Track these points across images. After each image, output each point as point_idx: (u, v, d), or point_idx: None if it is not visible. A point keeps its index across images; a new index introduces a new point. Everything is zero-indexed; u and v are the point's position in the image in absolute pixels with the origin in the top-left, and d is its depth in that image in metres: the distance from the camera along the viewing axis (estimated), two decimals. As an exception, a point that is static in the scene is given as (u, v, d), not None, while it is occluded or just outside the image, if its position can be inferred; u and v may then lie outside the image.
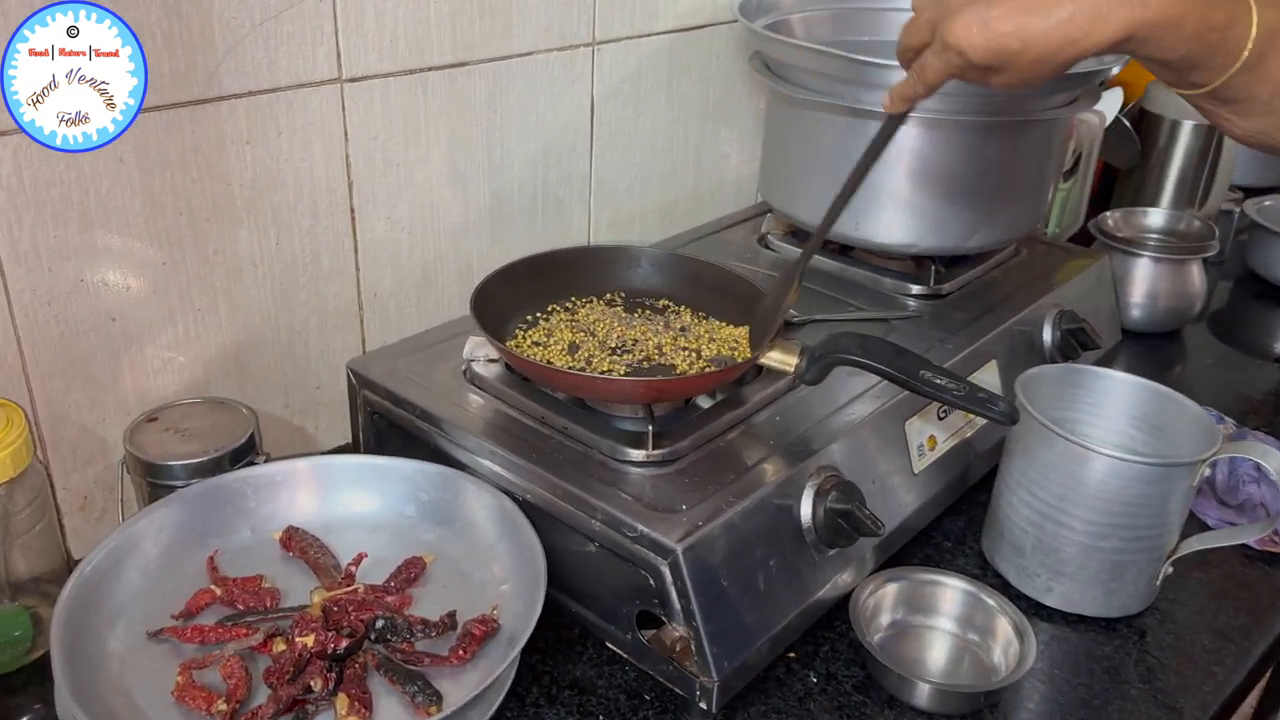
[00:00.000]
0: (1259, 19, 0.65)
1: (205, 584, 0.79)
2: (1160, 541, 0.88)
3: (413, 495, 0.86)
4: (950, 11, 0.66)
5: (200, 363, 0.93)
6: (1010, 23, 0.64)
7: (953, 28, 0.66)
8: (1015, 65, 0.66)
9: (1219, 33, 0.65)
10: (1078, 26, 0.64)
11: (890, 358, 0.82)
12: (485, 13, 1.00)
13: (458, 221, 1.07)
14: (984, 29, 0.65)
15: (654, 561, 0.74)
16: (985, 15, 0.65)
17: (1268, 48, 0.66)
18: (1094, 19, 0.63)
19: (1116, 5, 0.63)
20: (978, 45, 0.65)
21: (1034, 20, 0.64)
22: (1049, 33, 0.64)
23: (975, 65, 0.67)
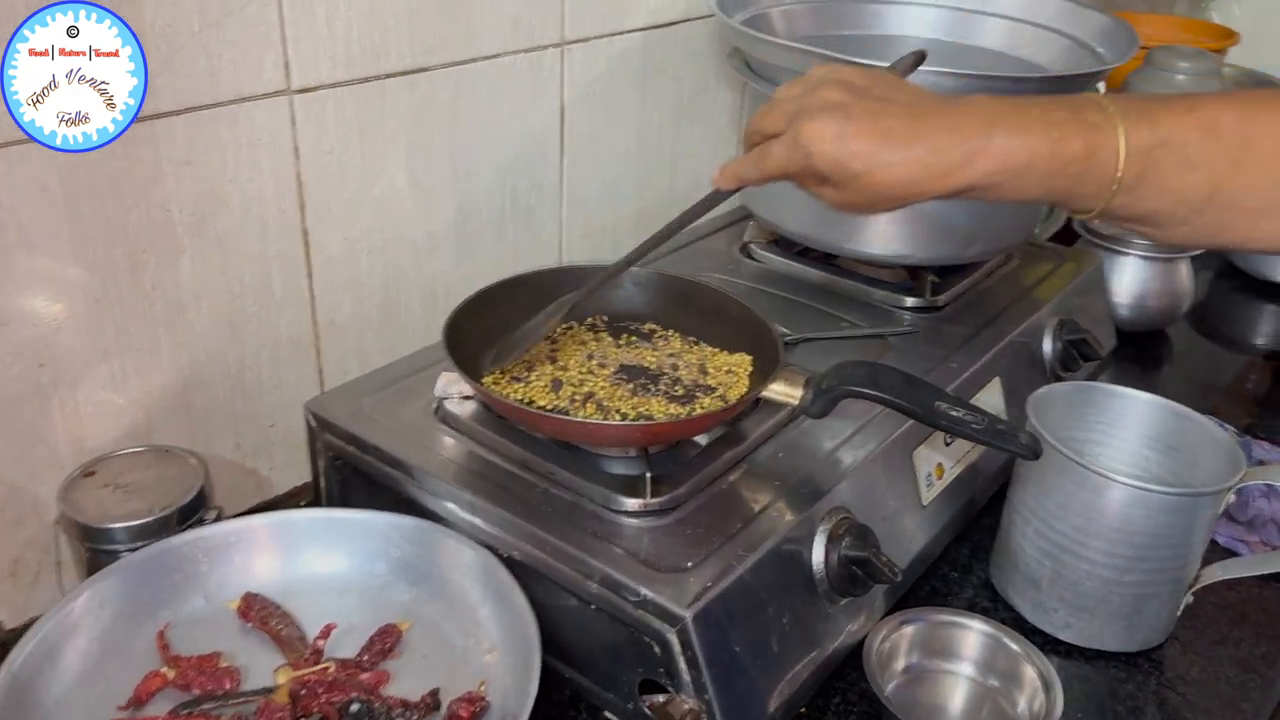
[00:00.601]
0: (1127, 141, 0.62)
1: (155, 664, 0.70)
2: (1183, 572, 0.84)
3: (383, 551, 0.78)
4: (808, 112, 0.64)
5: (141, 406, 0.84)
6: (862, 143, 0.63)
7: (808, 127, 0.64)
8: (853, 186, 0.64)
9: (1078, 165, 0.62)
10: (921, 169, 0.63)
11: (902, 389, 0.76)
12: (446, 13, 0.91)
13: (421, 239, 0.98)
14: (837, 141, 0.63)
15: (660, 629, 0.67)
16: (843, 128, 0.63)
17: (1146, 166, 0.63)
18: (938, 166, 0.62)
19: (959, 157, 0.62)
20: (826, 154, 0.64)
21: (883, 151, 0.63)
22: (893, 167, 0.63)
23: (815, 171, 0.65)
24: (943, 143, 0.62)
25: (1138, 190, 0.63)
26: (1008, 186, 0.63)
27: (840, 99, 0.64)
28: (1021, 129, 0.62)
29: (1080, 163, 0.62)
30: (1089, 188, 0.63)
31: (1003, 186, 0.63)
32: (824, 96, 0.65)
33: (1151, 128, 0.62)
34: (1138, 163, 0.62)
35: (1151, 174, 0.63)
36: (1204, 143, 0.62)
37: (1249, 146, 0.62)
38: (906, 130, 0.63)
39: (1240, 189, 0.63)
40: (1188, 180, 0.63)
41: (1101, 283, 1.20)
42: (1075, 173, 0.62)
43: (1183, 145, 0.62)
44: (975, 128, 0.62)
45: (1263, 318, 1.45)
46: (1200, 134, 0.62)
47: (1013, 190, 0.64)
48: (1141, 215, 0.65)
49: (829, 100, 0.64)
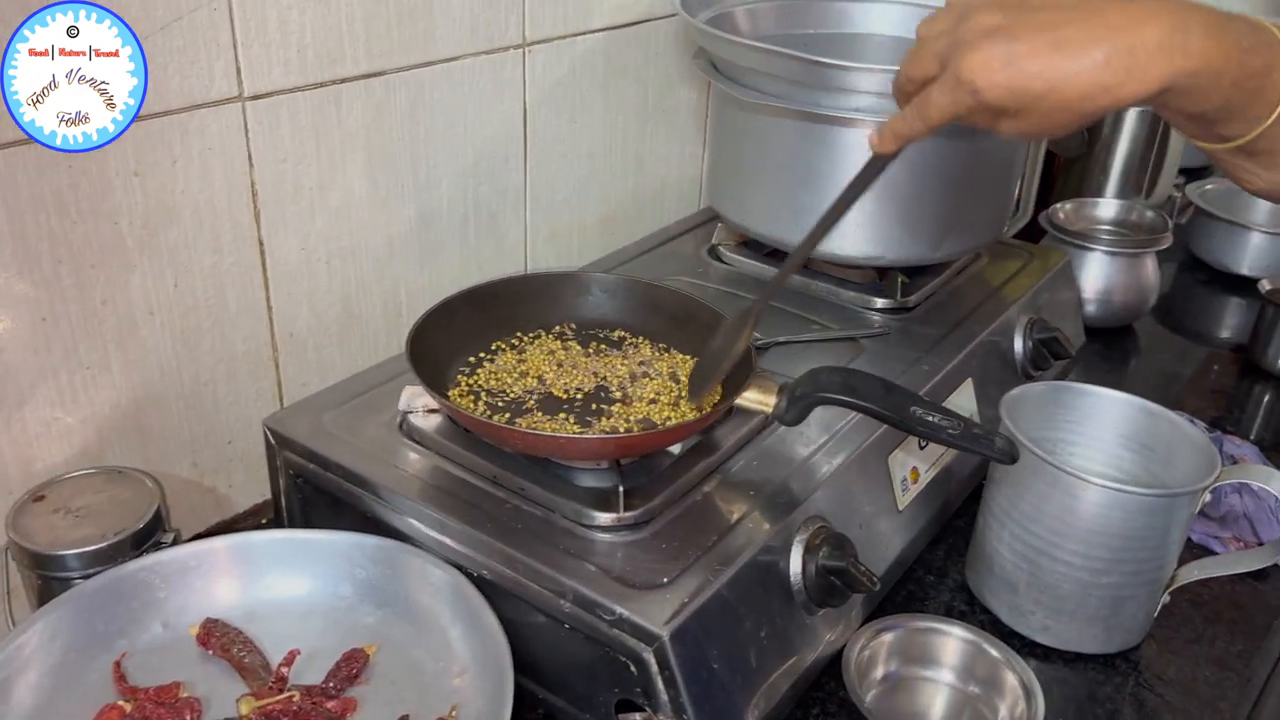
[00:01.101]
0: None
1: (111, 697, 0.68)
2: (1160, 573, 0.83)
3: (348, 573, 0.76)
4: (966, 44, 0.58)
5: (92, 425, 0.81)
6: (1038, 61, 0.56)
7: (969, 61, 0.57)
8: (1036, 110, 0.58)
9: (1257, 80, 0.58)
10: (1113, 73, 0.56)
11: (876, 394, 0.75)
12: (403, 15, 0.89)
13: (381, 247, 0.96)
14: (1007, 66, 0.57)
15: (636, 648, 0.65)
16: (1010, 50, 0.57)
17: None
18: (1131, 66, 0.56)
19: (1156, 52, 0.56)
20: (998, 84, 0.57)
21: (1064, 62, 0.56)
22: (1079, 76, 0.56)
23: (988, 106, 0.59)
24: (1132, 40, 0.56)
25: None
26: (1197, 90, 0.58)
27: (997, 21, 0.58)
28: (1217, 31, 0.57)
29: (1259, 78, 0.58)
30: (1257, 108, 0.59)
31: (1193, 91, 0.58)
32: (979, 23, 0.58)
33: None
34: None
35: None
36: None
37: None
38: (1084, 35, 0.56)
39: None
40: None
41: (1070, 280, 1.20)
42: (1254, 88, 0.58)
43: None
44: (1166, 25, 0.56)
45: (1227, 310, 1.45)
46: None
47: (1198, 96, 0.58)
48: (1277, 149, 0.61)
49: (985, 25, 0.58)
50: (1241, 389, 1.28)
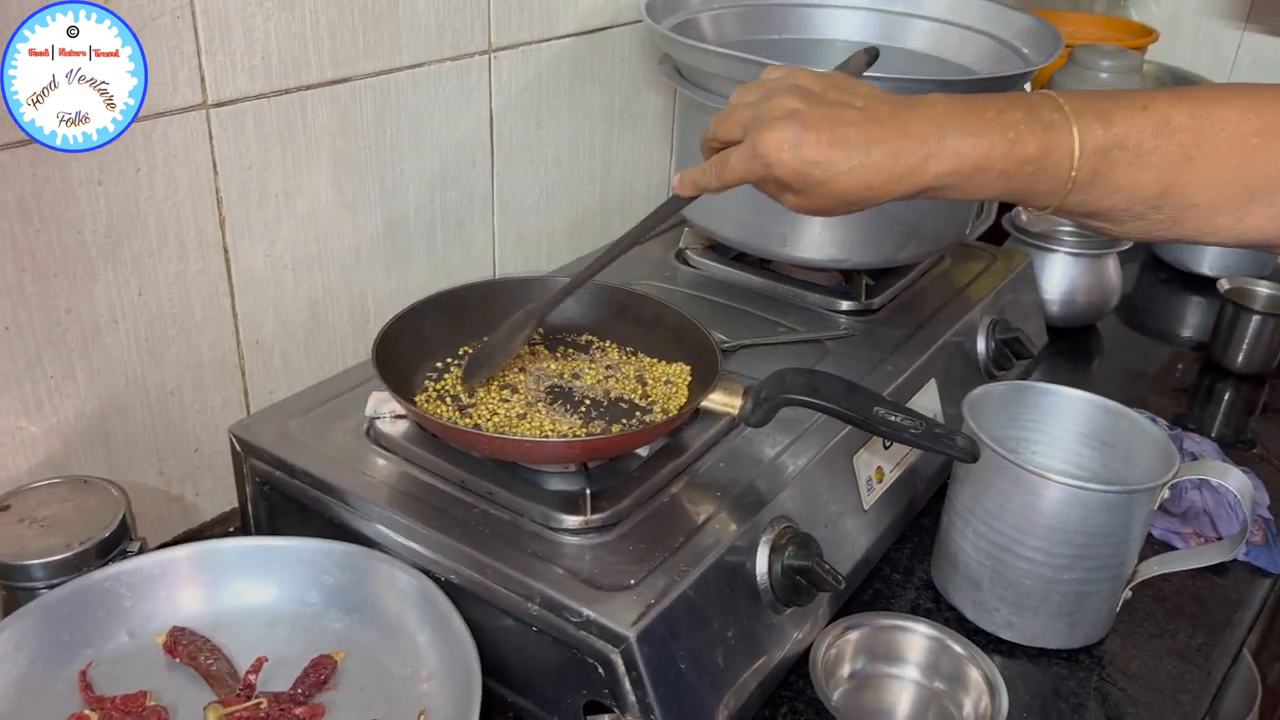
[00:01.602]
0: (1081, 140, 0.62)
1: (77, 706, 0.67)
2: (1122, 569, 0.85)
3: (315, 580, 0.76)
4: (766, 122, 0.63)
5: (57, 435, 0.81)
6: (819, 151, 0.62)
7: (765, 137, 0.63)
8: (815, 193, 0.64)
9: (1034, 164, 0.62)
10: (881, 173, 0.62)
11: (842, 396, 0.76)
12: (369, 22, 0.89)
13: (348, 253, 0.96)
14: (794, 150, 0.62)
15: (603, 650, 0.66)
16: (799, 137, 0.62)
17: (1100, 164, 0.63)
18: (895, 173, 0.62)
19: (921, 161, 0.62)
20: (784, 163, 0.63)
21: (841, 157, 0.62)
22: (852, 173, 0.62)
23: (776, 179, 0.65)
24: (898, 147, 0.62)
25: (1093, 188, 0.63)
26: (964, 186, 0.63)
27: (796, 106, 0.63)
28: (976, 130, 0.61)
29: (1035, 163, 0.62)
30: (1044, 186, 0.63)
31: (959, 187, 0.63)
32: (780, 104, 0.64)
33: (1106, 127, 0.62)
34: (1092, 162, 0.62)
35: (1106, 172, 0.62)
36: (1157, 141, 0.62)
37: (1201, 144, 0.62)
38: (862, 136, 0.62)
39: (1193, 186, 0.63)
40: (1141, 178, 0.63)
41: (1032, 281, 1.21)
42: (1030, 172, 0.62)
43: (1136, 144, 0.62)
44: (929, 130, 0.62)
45: (1189, 309, 1.48)
46: (1153, 132, 0.62)
47: (969, 190, 0.63)
48: (1097, 211, 0.65)
49: (785, 108, 0.63)
50: (1202, 387, 1.30)
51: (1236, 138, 0.62)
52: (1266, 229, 0.64)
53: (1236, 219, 0.64)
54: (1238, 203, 0.64)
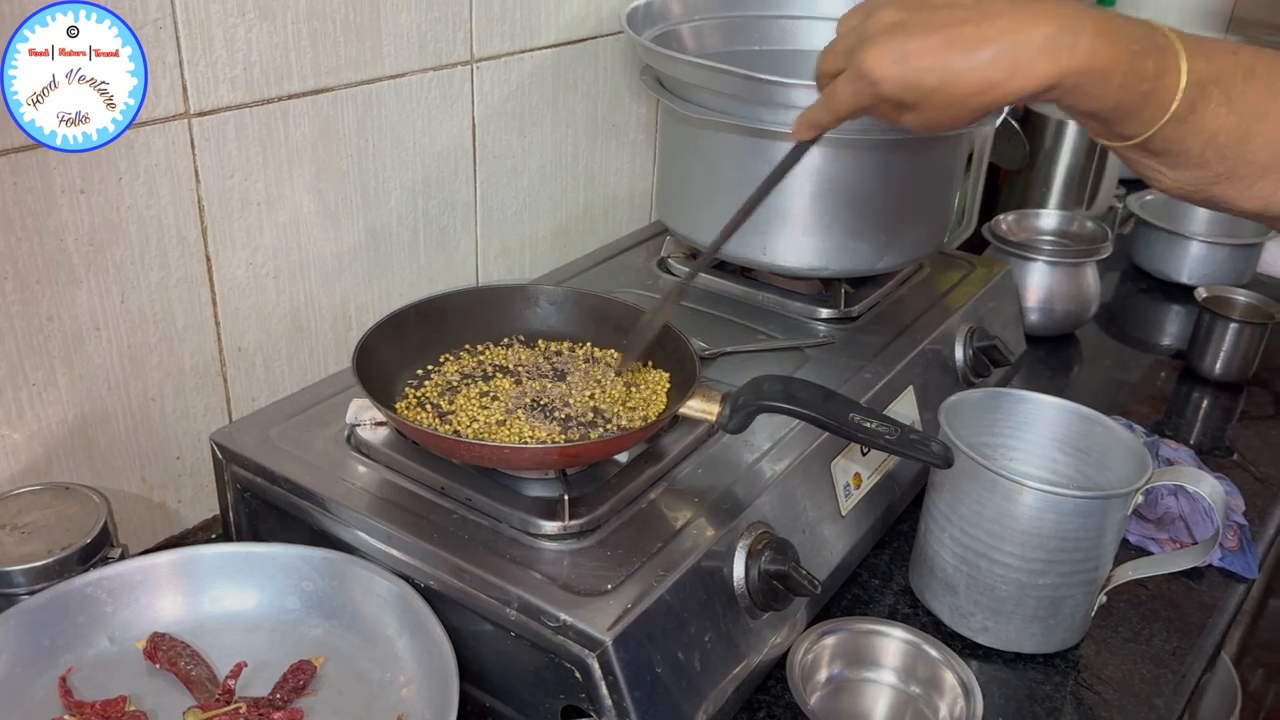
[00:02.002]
0: (1188, 69, 0.62)
1: (57, 711, 0.68)
2: (1096, 573, 0.85)
3: (295, 586, 0.76)
4: (867, 39, 0.61)
5: (39, 441, 0.81)
6: (930, 58, 0.59)
7: (867, 55, 0.60)
8: (930, 104, 0.61)
9: (1149, 83, 0.61)
10: (1001, 69, 0.59)
11: (817, 403, 0.77)
12: (350, 33, 0.90)
13: (330, 261, 0.96)
14: (900, 61, 0.60)
15: (580, 655, 0.66)
16: (904, 47, 0.60)
17: (1198, 98, 0.62)
18: (1018, 63, 0.59)
19: (1044, 51, 0.59)
20: (892, 77, 0.60)
21: (955, 58, 0.59)
22: (970, 73, 0.59)
23: (888, 99, 0.62)
24: (1021, 40, 0.59)
25: (1186, 121, 0.63)
26: (1087, 90, 0.61)
27: (898, 17, 0.61)
28: (1107, 33, 0.60)
29: (1150, 81, 0.61)
30: (1148, 110, 0.62)
31: (1083, 90, 0.61)
32: (881, 19, 0.61)
33: (1207, 61, 0.62)
34: (1192, 93, 0.62)
35: (1200, 107, 0.62)
36: (1244, 85, 0.62)
37: (1276, 99, 0.63)
38: (976, 34, 0.59)
39: (1261, 141, 0.63)
40: (1226, 121, 0.63)
41: (1011, 289, 1.23)
42: (1145, 90, 0.61)
43: (1229, 84, 0.62)
44: (1055, 25, 0.59)
45: (1168, 318, 1.49)
46: (1243, 76, 0.62)
47: (1090, 95, 0.61)
48: (1174, 150, 0.65)
49: (886, 22, 0.61)
50: (1181, 394, 1.31)
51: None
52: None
53: (1276, 185, 0.65)
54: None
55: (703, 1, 1.16)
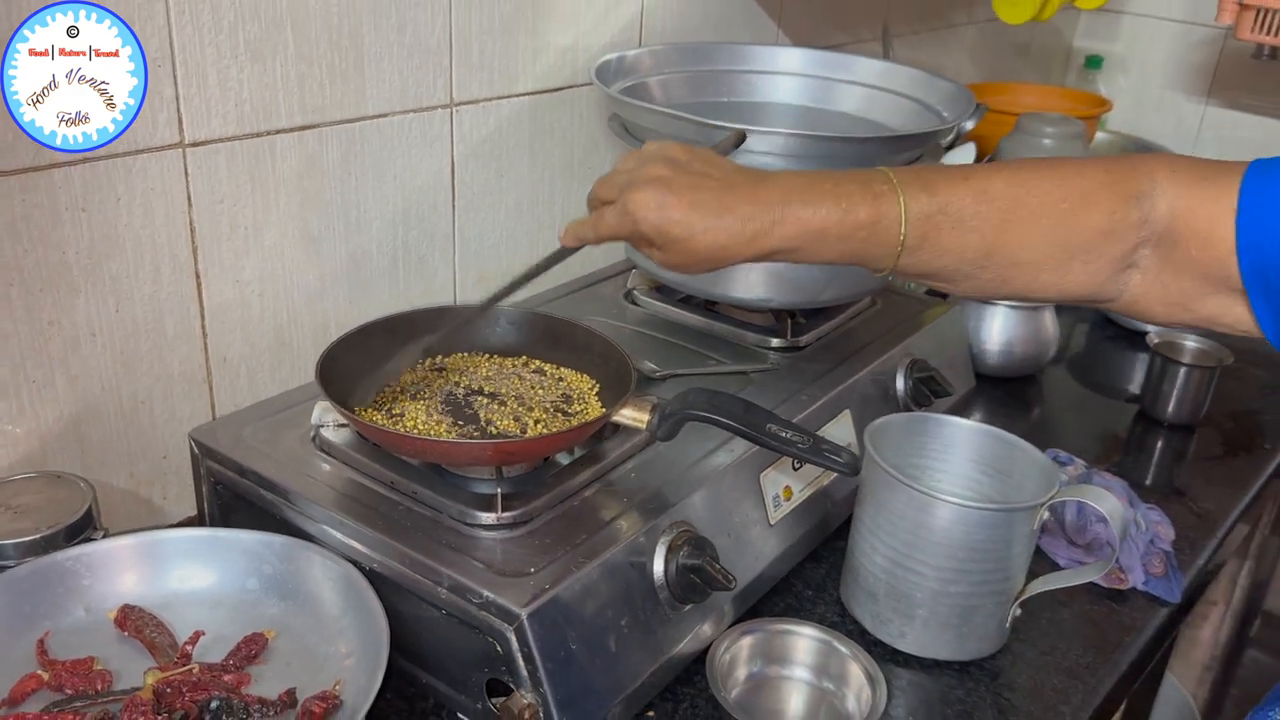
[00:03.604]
0: (906, 208, 0.71)
1: (34, 669, 0.75)
2: (1007, 585, 0.91)
3: (255, 569, 0.84)
4: (637, 184, 0.73)
5: (36, 435, 0.90)
6: (679, 212, 0.71)
7: (634, 197, 0.72)
8: (674, 249, 0.73)
9: (866, 230, 0.71)
10: (732, 235, 0.71)
11: (738, 413, 0.83)
12: (335, 76, 1.00)
13: (312, 283, 1.05)
14: (659, 208, 0.72)
15: (499, 627, 0.73)
16: (663, 198, 0.71)
17: (927, 230, 0.72)
18: (744, 236, 0.71)
19: (768, 226, 0.71)
20: (649, 220, 0.72)
21: (696, 218, 0.71)
22: (707, 234, 0.71)
23: (643, 236, 0.73)
24: (748, 213, 0.71)
25: (921, 251, 0.72)
26: (807, 249, 0.72)
27: (663, 174, 0.73)
28: (814, 200, 0.71)
29: (867, 229, 0.71)
30: (877, 250, 0.72)
31: (803, 250, 0.72)
32: (650, 171, 0.74)
33: (930, 196, 0.72)
34: (919, 227, 0.71)
35: (932, 236, 0.72)
36: (977, 206, 0.72)
37: (1018, 209, 0.72)
38: (717, 202, 0.72)
39: (1014, 246, 0.72)
40: (965, 241, 0.72)
41: (959, 326, 1.29)
42: (864, 237, 0.72)
43: (958, 210, 0.72)
44: (776, 200, 0.71)
45: (1130, 365, 1.54)
46: (973, 199, 0.72)
47: (812, 252, 0.73)
48: (929, 272, 0.75)
49: (654, 175, 0.73)
50: (1135, 436, 1.36)
51: (1048, 202, 0.72)
52: (1087, 284, 0.74)
53: (1059, 275, 0.73)
54: (1058, 260, 0.73)
55: (671, 57, 1.26)
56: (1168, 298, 0.74)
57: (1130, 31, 2.25)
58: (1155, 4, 2.20)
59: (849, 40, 1.67)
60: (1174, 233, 0.72)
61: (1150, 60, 2.23)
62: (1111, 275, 0.74)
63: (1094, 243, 0.72)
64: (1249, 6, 1.53)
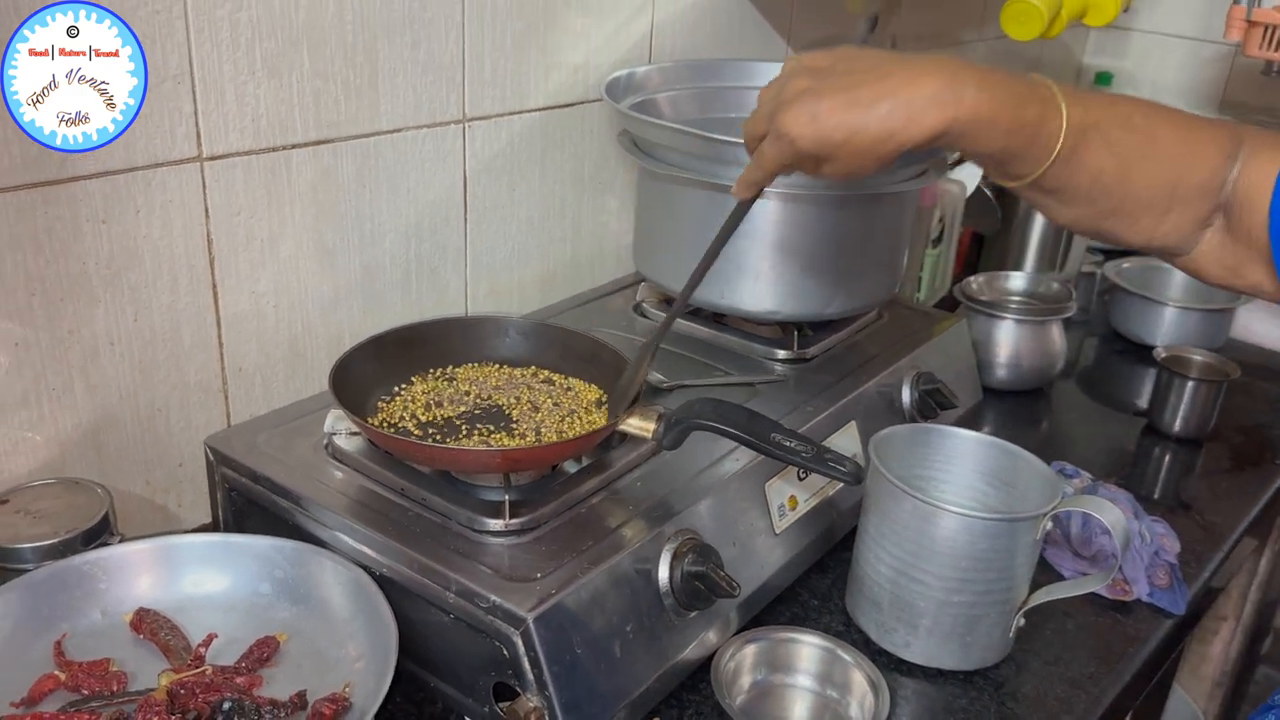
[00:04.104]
0: (1068, 115, 0.72)
1: (51, 669, 0.77)
2: (1010, 594, 0.92)
3: (267, 573, 0.85)
4: (783, 104, 0.72)
5: (56, 442, 0.92)
6: (836, 116, 0.70)
7: (784, 118, 0.71)
8: (841, 155, 0.71)
9: (1032, 128, 0.71)
10: (896, 121, 0.69)
11: (743, 422, 0.85)
12: (350, 92, 1.02)
13: (327, 295, 1.07)
14: (812, 120, 0.70)
15: (506, 631, 0.75)
16: (815, 108, 0.70)
17: (1079, 142, 0.72)
18: (910, 115, 0.69)
19: (932, 103, 0.69)
20: (806, 135, 0.70)
21: (856, 115, 0.69)
22: (870, 127, 0.69)
23: (806, 154, 0.72)
24: (911, 95, 0.69)
25: (1070, 162, 0.73)
26: (974, 135, 0.71)
27: (807, 85, 0.71)
28: (990, 86, 0.70)
29: (1033, 127, 0.71)
30: (1034, 151, 0.72)
31: (970, 135, 0.71)
32: (793, 87, 0.71)
33: (1085, 110, 0.72)
34: (1073, 137, 0.72)
35: (1082, 149, 0.72)
36: (1123, 132, 0.73)
37: (1152, 144, 0.74)
38: (872, 93, 0.69)
39: (1138, 181, 0.74)
40: (1105, 164, 0.73)
41: (965, 340, 1.30)
42: (1029, 135, 0.71)
43: (1107, 130, 0.73)
44: (944, 82, 0.69)
45: (1138, 379, 1.55)
46: (1120, 125, 0.73)
47: (977, 140, 0.71)
48: (1063, 188, 0.75)
49: (798, 88, 0.71)
50: (1143, 449, 1.37)
51: (1173, 146, 0.74)
52: (1174, 235, 0.76)
53: (1157, 221, 0.76)
54: (1162, 207, 0.75)
55: (680, 73, 1.28)
56: (1224, 260, 0.77)
57: (1140, 48, 2.26)
58: (1164, 21, 2.21)
59: (858, 57, 1.68)
60: (1238, 198, 0.74)
61: (1160, 77, 2.24)
62: (1194, 230, 0.77)
63: (1193, 196, 0.75)
64: (1257, 23, 1.54)
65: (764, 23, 1.49)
